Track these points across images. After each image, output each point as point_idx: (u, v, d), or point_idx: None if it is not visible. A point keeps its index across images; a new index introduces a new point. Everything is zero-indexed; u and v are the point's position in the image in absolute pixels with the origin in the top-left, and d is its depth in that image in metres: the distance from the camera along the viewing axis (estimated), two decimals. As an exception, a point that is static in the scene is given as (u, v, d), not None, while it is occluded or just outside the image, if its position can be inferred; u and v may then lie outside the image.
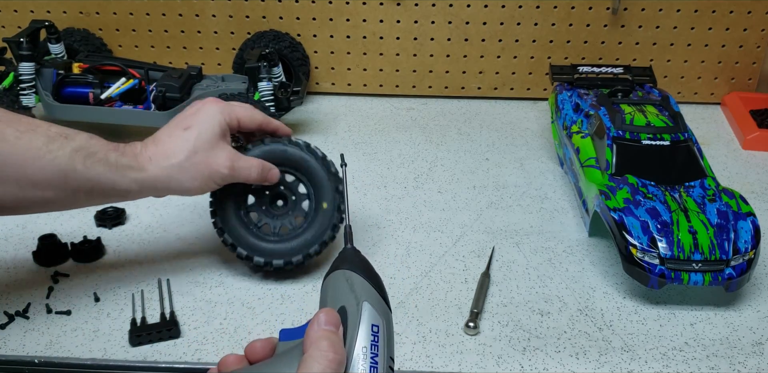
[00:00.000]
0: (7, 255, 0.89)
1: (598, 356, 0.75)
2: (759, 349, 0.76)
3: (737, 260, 0.79)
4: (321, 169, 0.82)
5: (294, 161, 0.82)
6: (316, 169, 0.82)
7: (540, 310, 0.81)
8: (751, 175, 1.08)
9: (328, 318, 0.50)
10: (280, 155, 0.81)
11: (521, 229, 0.95)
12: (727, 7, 1.18)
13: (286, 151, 0.81)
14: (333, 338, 0.49)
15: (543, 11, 1.20)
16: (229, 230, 0.82)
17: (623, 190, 0.85)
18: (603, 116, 0.94)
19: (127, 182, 0.72)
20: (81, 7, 1.23)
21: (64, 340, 0.76)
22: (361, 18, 1.22)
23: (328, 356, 0.47)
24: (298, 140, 0.83)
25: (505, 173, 1.07)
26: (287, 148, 0.81)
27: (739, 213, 0.82)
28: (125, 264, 0.87)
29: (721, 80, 1.26)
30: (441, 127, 1.20)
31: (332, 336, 0.49)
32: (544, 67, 1.24)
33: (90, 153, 0.70)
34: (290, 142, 0.82)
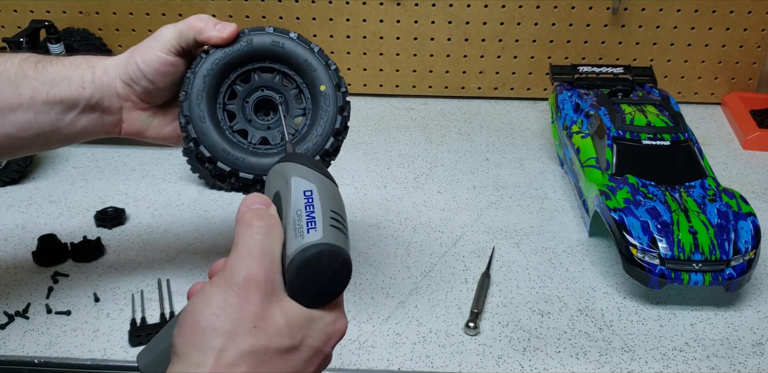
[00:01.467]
0: (7, 255, 0.89)
1: (599, 356, 0.75)
2: (759, 349, 0.76)
3: (737, 260, 0.79)
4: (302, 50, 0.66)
5: (262, 51, 0.65)
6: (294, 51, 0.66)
7: (540, 310, 0.81)
8: (751, 176, 1.08)
9: (251, 200, 0.51)
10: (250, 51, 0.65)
11: (521, 229, 0.95)
12: (727, 7, 1.18)
13: (246, 41, 0.65)
14: (259, 212, 0.50)
15: (543, 11, 1.20)
16: (221, 156, 0.65)
17: (623, 190, 0.85)
18: (603, 116, 0.94)
19: (81, 72, 0.65)
20: (81, 7, 1.23)
21: (64, 340, 0.76)
22: (361, 18, 1.22)
23: (252, 223, 0.49)
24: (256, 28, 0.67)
25: (505, 173, 1.07)
26: (246, 37, 0.65)
27: (740, 213, 0.82)
28: (125, 264, 0.87)
29: (721, 80, 1.26)
30: (441, 127, 1.20)
31: (258, 211, 0.50)
32: (545, 67, 1.24)
33: (40, 59, 0.66)
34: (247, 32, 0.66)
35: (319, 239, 0.48)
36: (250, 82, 0.67)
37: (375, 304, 0.82)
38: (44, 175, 1.05)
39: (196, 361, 0.45)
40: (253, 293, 0.46)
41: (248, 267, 0.47)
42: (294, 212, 0.49)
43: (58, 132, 0.66)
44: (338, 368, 0.73)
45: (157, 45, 0.64)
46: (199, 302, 0.47)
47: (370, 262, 0.88)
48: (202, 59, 0.65)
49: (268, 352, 0.46)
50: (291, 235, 0.49)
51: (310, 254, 0.47)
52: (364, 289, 0.84)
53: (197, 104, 0.64)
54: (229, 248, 0.94)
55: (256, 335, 0.46)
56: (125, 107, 0.68)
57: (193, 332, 0.46)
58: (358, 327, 0.78)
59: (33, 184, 1.03)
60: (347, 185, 1.04)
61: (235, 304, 0.46)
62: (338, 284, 0.49)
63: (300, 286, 0.47)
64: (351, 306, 0.81)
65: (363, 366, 0.74)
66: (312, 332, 0.48)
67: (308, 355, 0.48)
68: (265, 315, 0.46)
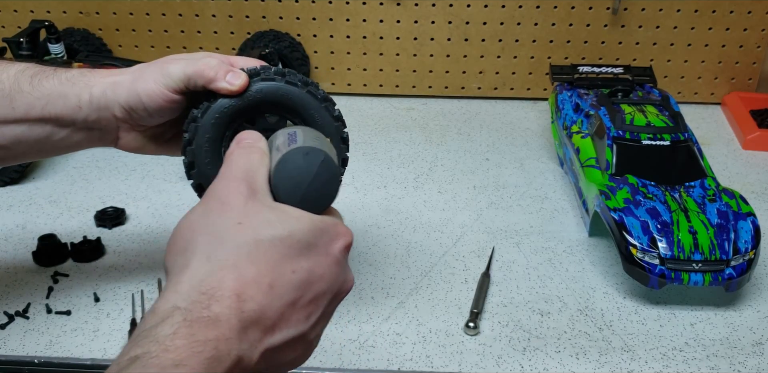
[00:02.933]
0: (7, 255, 0.89)
1: (599, 356, 0.75)
2: (759, 349, 0.76)
3: (737, 260, 0.79)
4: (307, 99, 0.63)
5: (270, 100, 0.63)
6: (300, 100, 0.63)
7: (540, 310, 0.81)
8: (751, 176, 1.08)
9: (242, 136, 0.53)
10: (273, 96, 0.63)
11: (521, 229, 0.95)
12: (727, 7, 1.18)
13: (255, 91, 0.62)
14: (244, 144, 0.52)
15: (543, 11, 1.20)
16: None
17: (623, 190, 0.85)
18: (603, 116, 0.94)
19: (78, 90, 0.63)
20: (81, 7, 1.23)
21: (64, 340, 0.76)
22: (361, 18, 1.22)
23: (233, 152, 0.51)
24: (267, 69, 0.64)
25: (505, 173, 1.07)
26: (256, 87, 0.62)
27: (740, 213, 0.82)
28: (125, 264, 0.87)
29: (721, 80, 1.26)
30: (441, 127, 1.20)
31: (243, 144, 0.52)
32: (544, 67, 1.24)
33: (37, 71, 0.64)
34: (257, 76, 0.63)
35: (301, 144, 0.49)
36: (255, 125, 0.65)
37: (375, 304, 0.82)
38: (44, 175, 1.05)
39: (181, 264, 0.44)
40: (233, 197, 0.46)
41: (226, 179, 0.48)
42: (279, 143, 0.52)
43: (52, 145, 0.65)
44: (338, 368, 0.73)
45: (162, 80, 0.62)
46: (182, 218, 0.47)
47: (370, 262, 0.88)
48: (209, 106, 0.62)
49: (260, 244, 0.44)
50: (274, 154, 0.50)
51: (288, 155, 0.49)
52: (364, 289, 0.84)
53: (202, 151, 0.63)
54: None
55: (242, 230, 0.44)
56: (122, 127, 0.66)
57: (175, 243, 0.45)
58: (358, 327, 0.78)
59: (33, 184, 1.03)
60: (347, 185, 1.04)
61: (215, 208, 0.46)
62: (326, 184, 0.49)
63: (285, 186, 0.48)
64: (351, 306, 0.81)
65: (363, 366, 0.74)
66: (310, 228, 0.46)
67: (311, 252, 0.46)
68: (248, 211, 0.45)
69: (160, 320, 0.41)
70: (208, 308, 0.41)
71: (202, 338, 0.40)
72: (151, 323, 0.41)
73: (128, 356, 0.40)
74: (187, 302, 0.42)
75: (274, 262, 0.44)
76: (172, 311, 0.41)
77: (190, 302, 0.42)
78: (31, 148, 0.65)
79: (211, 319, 0.41)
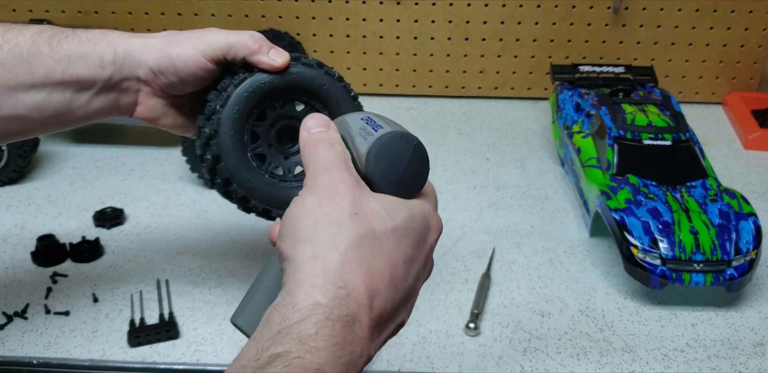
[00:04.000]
0: (6, 255, 0.88)
1: (599, 357, 0.75)
2: (760, 350, 0.76)
3: (739, 260, 0.79)
4: (342, 93, 0.65)
5: (306, 86, 0.64)
6: (335, 93, 0.65)
7: (541, 311, 0.81)
8: (752, 175, 1.07)
9: (311, 122, 0.51)
10: (310, 83, 0.64)
11: (522, 229, 0.94)
12: (728, 6, 1.17)
13: (295, 73, 0.63)
14: (319, 135, 0.50)
15: (544, 10, 1.19)
16: (239, 179, 0.62)
17: (624, 190, 0.85)
18: (604, 116, 0.94)
19: (100, 50, 0.61)
20: (80, 7, 1.23)
21: (63, 341, 0.76)
22: (361, 17, 1.21)
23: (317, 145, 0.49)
24: (303, 56, 0.64)
25: (505, 173, 1.07)
26: (296, 69, 0.63)
27: (741, 213, 0.82)
28: (124, 265, 0.87)
29: (722, 80, 1.25)
30: (441, 126, 1.20)
31: (318, 134, 0.50)
32: (545, 66, 1.24)
33: (55, 32, 0.61)
34: (297, 61, 0.63)
35: (390, 130, 0.49)
36: (282, 109, 0.64)
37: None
38: (43, 175, 1.05)
39: (309, 254, 0.44)
40: (341, 186, 0.46)
41: (327, 170, 0.47)
42: (357, 129, 0.50)
43: (71, 113, 0.62)
44: (338, 368, 0.73)
45: (201, 46, 0.61)
46: (294, 208, 0.46)
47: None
48: (245, 78, 0.61)
49: (377, 236, 0.45)
50: (360, 140, 0.49)
51: (385, 140, 0.48)
52: (364, 289, 0.84)
53: (229, 122, 0.61)
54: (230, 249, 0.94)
55: (359, 220, 0.45)
56: (143, 91, 0.64)
57: (297, 231, 0.45)
58: (358, 328, 0.78)
59: (32, 184, 1.03)
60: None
61: (329, 198, 0.46)
62: (419, 169, 0.49)
63: (382, 173, 0.48)
64: (351, 307, 0.81)
65: (363, 367, 0.73)
66: (410, 216, 0.47)
67: (415, 240, 0.47)
68: (360, 202, 0.46)
69: (303, 317, 0.41)
70: (346, 305, 0.42)
71: (341, 340, 0.41)
72: (294, 318, 0.41)
73: (269, 352, 0.40)
74: (327, 298, 0.42)
75: (390, 253, 0.45)
76: (314, 308, 0.42)
77: (331, 299, 0.42)
78: (50, 118, 0.62)
79: (350, 318, 0.42)
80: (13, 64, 0.59)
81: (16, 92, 0.59)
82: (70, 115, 0.62)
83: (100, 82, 0.61)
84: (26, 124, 0.62)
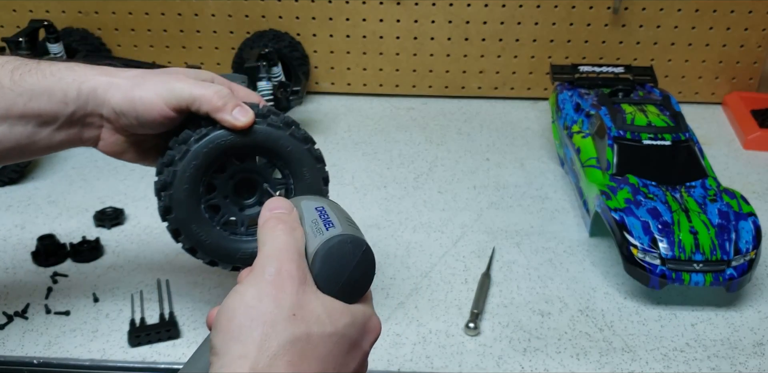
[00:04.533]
0: (6, 256, 0.88)
1: (599, 356, 0.75)
2: (760, 349, 0.76)
3: (738, 260, 0.79)
4: (305, 156, 0.64)
5: (268, 146, 0.63)
6: (298, 155, 0.64)
7: (541, 310, 0.81)
8: (752, 175, 1.07)
9: (273, 204, 0.51)
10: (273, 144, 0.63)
11: (522, 229, 0.95)
12: (728, 6, 1.18)
13: (258, 132, 0.62)
14: (281, 216, 0.49)
15: (544, 10, 1.19)
16: (187, 231, 0.64)
17: (624, 190, 0.85)
18: (604, 116, 0.94)
19: (64, 85, 0.60)
20: (80, 7, 1.23)
21: (63, 340, 0.76)
22: (361, 17, 1.21)
23: (277, 226, 0.48)
24: (272, 113, 0.63)
25: (505, 173, 1.07)
26: (260, 128, 0.62)
27: (741, 213, 0.82)
28: (124, 265, 0.87)
29: (722, 80, 1.25)
30: (441, 127, 1.20)
31: (280, 215, 0.49)
32: (545, 66, 1.24)
33: (18, 65, 0.60)
34: (264, 118, 0.62)
35: (340, 232, 0.48)
36: (242, 163, 0.64)
37: (375, 304, 0.81)
38: (43, 175, 1.05)
39: (238, 353, 0.42)
40: (287, 283, 0.45)
41: (278, 261, 0.46)
42: (310, 221, 0.50)
43: (33, 145, 0.62)
44: (338, 368, 0.73)
45: (165, 95, 0.60)
46: (232, 299, 0.45)
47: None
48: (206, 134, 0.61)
49: (311, 340, 0.44)
50: (311, 236, 0.49)
51: (333, 243, 0.47)
52: (364, 289, 0.84)
53: (185, 175, 0.61)
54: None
55: (296, 322, 0.44)
56: (105, 127, 0.64)
57: (230, 326, 0.44)
58: (358, 328, 0.78)
59: (32, 185, 1.03)
60: (347, 185, 1.04)
61: (271, 294, 0.44)
62: (364, 274, 0.49)
63: (327, 277, 0.47)
64: (351, 306, 0.81)
65: (363, 367, 0.73)
66: (351, 323, 0.46)
67: (349, 347, 0.46)
68: (302, 303, 0.45)
69: None
70: None
71: None
72: None
73: None
74: None
75: (322, 359, 0.44)
76: None
77: None
78: (11, 150, 0.62)
79: None
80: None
81: None
82: (32, 146, 0.62)
83: (63, 117, 0.61)
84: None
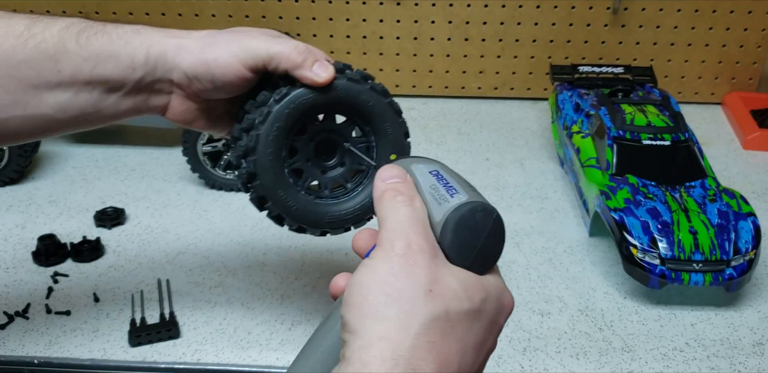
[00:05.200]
0: (7, 255, 0.88)
1: (599, 356, 0.75)
2: (759, 349, 0.76)
3: (738, 260, 0.79)
4: (387, 110, 0.62)
5: (350, 102, 0.60)
6: (380, 110, 0.61)
7: (540, 310, 0.81)
8: (751, 176, 1.07)
9: (387, 173, 0.47)
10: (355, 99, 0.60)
11: (521, 229, 0.95)
12: (727, 6, 1.18)
13: (339, 89, 0.59)
14: (397, 186, 0.46)
15: (543, 11, 1.20)
16: (275, 197, 0.60)
17: (624, 190, 0.85)
18: (603, 116, 0.94)
19: (131, 50, 0.57)
20: (80, 7, 1.23)
21: (64, 340, 0.76)
22: (361, 18, 1.22)
23: (396, 198, 0.45)
24: (348, 67, 0.60)
25: (505, 173, 1.07)
26: (340, 84, 0.59)
27: (740, 213, 0.82)
28: (125, 264, 0.87)
29: (721, 80, 1.26)
30: (441, 127, 1.20)
31: (396, 185, 0.46)
32: (545, 66, 1.24)
33: (84, 28, 0.57)
34: (342, 73, 0.59)
35: (468, 199, 0.45)
36: (322, 123, 0.61)
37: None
38: (44, 175, 1.05)
39: (378, 333, 0.39)
40: (420, 257, 0.42)
41: (406, 235, 0.43)
42: (427, 187, 0.47)
43: (98, 113, 0.59)
44: (338, 368, 0.73)
45: (240, 54, 0.57)
46: (363, 274, 0.42)
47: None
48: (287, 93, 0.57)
49: (450, 317, 0.41)
50: (433, 205, 0.46)
51: (464, 212, 0.44)
52: (364, 289, 0.84)
53: (268, 139, 0.58)
54: (230, 249, 0.94)
55: (434, 299, 0.41)
56: (176, 94, 0.60)
57: (365, 303, 0.41)
58: (358, 327, 0.78)
59: (33, 184, 1.03)
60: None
61: (404, 269, 0.41)
62: (496, 243, 0.45)
63: (459, 247, 0.44)
64: (351, 306, 0.81)
65: (363, 366, 0.73)
66: (486, 297, 0.43)
67: (488, 322, 0.43)
68: (437, 278, 0.42)
69: None
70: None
71: None
72: None
73: None
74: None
75: (461, 337, 0.41)
76: None
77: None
78: (75, 119, 0.58)
79: None
80: (39, 62, 0.55)
81: (41, 91, 0.56)
82: (96, 115, 0.59)
83: (130, 84, 0.58)
84: (49, 124, 0.58)
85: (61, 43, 0.56)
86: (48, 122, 0.58)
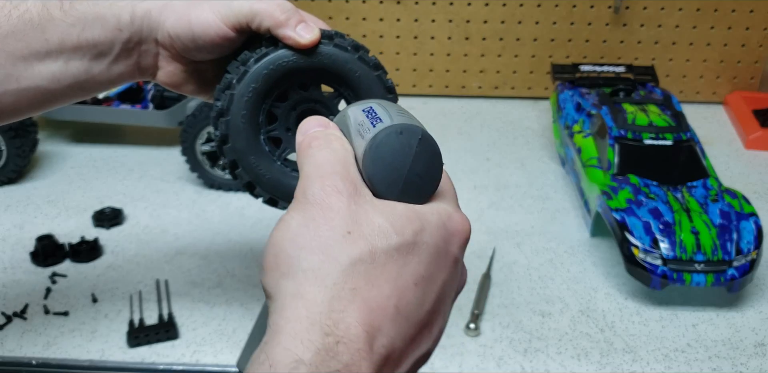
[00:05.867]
0: (5, 256, 0.88)
1: (600, 357, 0.75)
2: (761, 350, 0.76)
3: (740, 260, 0.78)
4: (375, 83, 0.58)
5: (335, 70, 0.57)
6: (367, 82, 0.57)
7: (541, 311, 0.81)
8: (753, 175, 1.07)
9: (307, 125, 0.44)
10: (341, 67, 0.57)
11: (522, 229, 0.94)
12: (729, 5, 1.17)
13: (324, 54, 0.56)
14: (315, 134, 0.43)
15: (544, 10, 1.19)
16: (245, 163, 0.57)
17: (625, 190, 0.85)
18: (605, 116, 0.94)
19: (117, 10, 0.56)
20: None
21: (62, 341, 0.76)
22: (361, 16, 1.21)
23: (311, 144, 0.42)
24: (339, 35, 0.57)
25: (506, 173, 1.07)
26: (326, 49, 0.56)
27: (742, 213, 0.82)
28: (123, 265, 0.87)
29: (723, 79, 1.25)
30: (441, 126, 1.20)
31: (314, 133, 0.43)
32: (546, 66, 1.23)
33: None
34: (330, 39, 0.56)
35: (389, 123, 0.41)
36: (306, 92, 0.58)
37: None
38: (42, 175, 1.05)
39: (291, 291, 0.36)
40: (334, 199, 0.38)
41: (320, 179, 0.39)
42: (356, 125, 0.43)
43: (92, 80, 0.58)
44: (338, 369, 0.73)
45: (222, 12, 0.55)
46: (276, 230, 0.39)
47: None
48: (266, 53, 0.55)
49: (376, 257, 0.37)
50: (358, 141, 0.42)
51: (381, 137, 0.40)
52: (364, 289, 0.83)
53: (242, 100, 0.55)
54: (229, 249, 0.93)
55: (354, 241, 0.37)
56: (162, 55, 0.59)
57: (278, 262, 0.37)
58: (358, 328, 0.78)
59: (31, 184, 1.03)
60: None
61: (318, 215, 0.38)
62: (429, 166, 0.41)
63: (383, 178, 0.40)
64: (351, 307, 0.81)
65: (363, 368, 0.73)
66: (425, 225, 0.39)
67: (430, 255, 0.38)
68: (357, 218, 0.38)
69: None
70: (335, 357, 0.34)
71: None
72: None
73: None
74: (311, 351, 0.34)
75: (395, 276, 0.37)
76: (294, 368, 0.33)
77: (315, 352, 0.34)
78: (70, 88, 0.58)
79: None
80: (25, 32, 0.54)
81: (31, 62, 0.55)
82: (90, 82, 0.58)
83: (119, 46, 0.57)
84: (45, 96, 0.57)
85: (45, 10, 0.55)
86: (44, 94, 0.57)
